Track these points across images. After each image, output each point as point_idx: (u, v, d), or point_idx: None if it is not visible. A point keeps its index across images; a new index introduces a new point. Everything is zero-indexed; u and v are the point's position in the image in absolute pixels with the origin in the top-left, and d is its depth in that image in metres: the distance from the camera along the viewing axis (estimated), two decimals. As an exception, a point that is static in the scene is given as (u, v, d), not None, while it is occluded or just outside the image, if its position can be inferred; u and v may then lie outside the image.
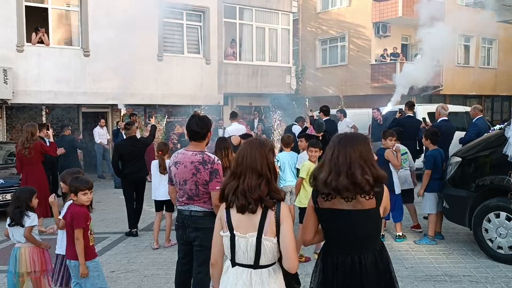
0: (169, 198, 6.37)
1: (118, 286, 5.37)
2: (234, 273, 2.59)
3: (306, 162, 6.24)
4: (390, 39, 20.93)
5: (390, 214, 6.63)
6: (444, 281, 5.23)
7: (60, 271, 4.46)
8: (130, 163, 7.43)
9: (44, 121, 13.87)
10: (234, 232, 2.55)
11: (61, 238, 4.45)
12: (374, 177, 2.57)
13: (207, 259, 4.00)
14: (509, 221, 5.69)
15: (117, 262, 6.23)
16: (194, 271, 4.19)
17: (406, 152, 7.25)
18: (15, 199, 4.41)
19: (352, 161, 2.58)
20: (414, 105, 9.94)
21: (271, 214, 2.52)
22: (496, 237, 5.81)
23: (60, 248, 4.45)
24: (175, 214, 4.50)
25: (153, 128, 8.24)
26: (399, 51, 21.10)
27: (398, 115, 10.08)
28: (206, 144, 4.26)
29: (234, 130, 10.14)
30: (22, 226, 4.36)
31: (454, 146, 8.75)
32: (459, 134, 10.12)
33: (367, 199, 2.59)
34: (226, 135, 9.67)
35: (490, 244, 5.89)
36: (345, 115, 11.99)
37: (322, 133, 8.17)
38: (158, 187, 6.77)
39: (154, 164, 6.82)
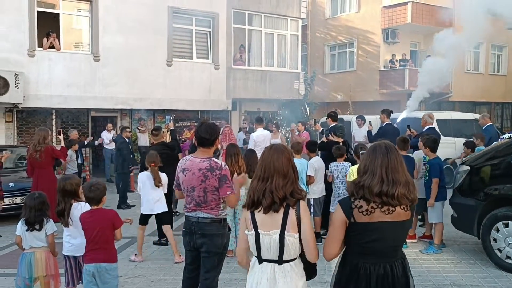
0: (161, 211, 6.54)
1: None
2: (259, 269, 2.81)
3: (353, 167, 6.41)
4: (399, 45, 20.91)
5: None
6: (451, 290, 5.21)
7: (71, 272, 4.56)
8: (162, 170, 6.92)
9: (54, 125, 14.01)
10: (259, 230, 2.77)
11: (68, 240, 4.51)
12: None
13: (214, 265, 4.12)
14: (517, 230, 5.65)
15: (124, 267, 6.25)
16: (201, 277, 4.22)
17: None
18: (38, 204, 4.42)
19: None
20: (391, 113, 10.25)
21: (292, 212, 2.74)
22: (504, 247, 5.78)
23: (68, 249, 4.52)
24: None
25: (173, 132, 8.34)
26: (408, 57, 21.06)
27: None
28: (214, 152, 4.31)
29: (260, 136, 9.87)
30: (39, 230, 4.40)
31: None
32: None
33: (405, 210, 2.65)
34: (251, 142, 9.61)
35: (498, 253, 5.85)
36: (364, 121, 11.93)
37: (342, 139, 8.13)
38: (148, 200, 6.54)
39: (145, 176, 6.54)
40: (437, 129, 10.15)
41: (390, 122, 10.08)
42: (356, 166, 6.52)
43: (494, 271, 5.80)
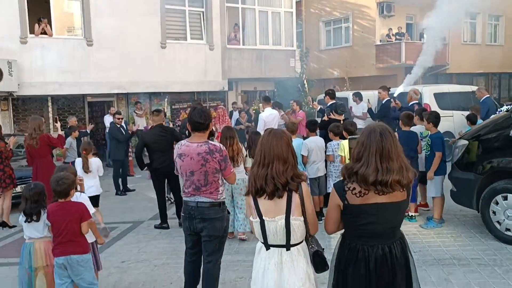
0: (95, 195, 6.51)
1: (129, 276, 5.44)
2: (267, 254, 2.83)
3: (343, 142, 6.60)
4: (394, 19, 20.67)
5: None
6: (452, 264, 5.26)
7: None
8: (158, 154, 7.06)
9: (51, 112, 13.94)
10: (263, 217, 2.78)
11: None
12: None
13: (216, 249, 4.18)
14: (516, 203, 5.69)
15: (127, 252, 6.31)
16: (203, 261, 4.27)
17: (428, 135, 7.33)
18: (33, 195, 4.40)
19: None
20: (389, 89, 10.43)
21: (296, 196, 2.77)
22: (504, 219, 5.82)
23: None
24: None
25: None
26: (404, 30, 20.86)
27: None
28: (209, 136, 4.33)
29: (270, 116, 9.66)
30: (38, 221, 4.41)
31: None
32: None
33: (401, 191, 2.65)
34: (261, 122, 9.42)
35: (498, 226, 5.90)
36: (360, 99, 11.77)
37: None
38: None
39: (78, 163, 6.72)
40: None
41: (390, 98, 10.06)
42: (346, 141, 6.55)
43: (494, 243, 5.86)
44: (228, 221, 4.41)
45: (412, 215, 6.93)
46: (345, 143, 6.54)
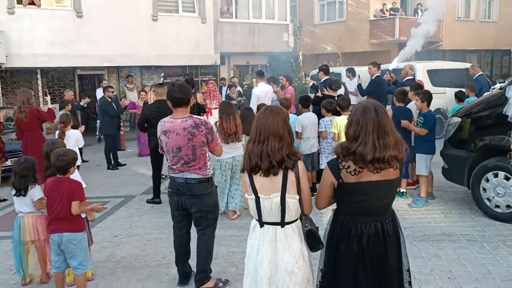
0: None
1: (121, 250, 5.45)
2: (261, 232, 2.83)
3: (336, 118, 6.61)
4: (389, -7, 20.47)
5: None
6: (442, 240, 5.32)
7: None
8: (154, 129, 6.78)
9: (40, 85, 13.75)
10: (259, 194, 2.76)
11: None
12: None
13: (209, 223, 4.25)
14: (507, 180, 5.73)
15: (119, 226, 6.31)
16: (198, 233, 4.32)
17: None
18: (22, 170, 4.37)
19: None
20: (380, 65, 10.36)
21: (291, 174, 2.74)
22: (494, 196, 5.88)
23: None
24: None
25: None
26: (398, 5, 20.67)
27: (358, 80, 10.48)
28: (200, 109, 4.32)
29: (263, 91, 9.42)
30: (25, 196, 4.38)
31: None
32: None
33: (394, 169, 2.65)
34: (254, 98, 9.22)
35: (488, 203, 5.96)
36: (354, 75, 11.62)
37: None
38: None
39: (68, 135, 6.75)
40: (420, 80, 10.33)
41: (380, 74, 10.00)
42: (340, 118, 6.54)
43: (483, 220, 5.93)
44: (217, 195, 4.47)
45: (403, 192, 6.98)
46: (338, 119, 6.53)
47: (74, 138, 6.79)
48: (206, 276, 4.31)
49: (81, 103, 11.06)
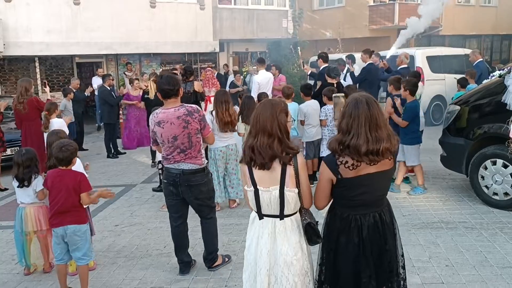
0: None
1: (122, 239, 5.50)
2: (260, 224, 2.84)
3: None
4: (389, -22, 20.28)
5: None
6: (440, 228, 5.37)
7: None
8: None
9: (38, 73, 13.70)
10: (258, 187, 2.77)
11: None
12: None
13: (211, 209, 4.43)
14: (505, 168, 5.76)
15: (120, 215, 6.35)
16: (202, 220, 4.52)
17: (420, 97, 7.61)
18: (26, 160, 4.40)
19: (385, 123, 2.66)
20: (373, 52, 10.25)
21: (290, 168, 2.73)
22: (492, 184, 5.92)
23: None
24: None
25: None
26: (398, -10, 20.49)
27: (351, 68, 10.38)
28: (198, 97, 4.37)
29: (264, 78, 9.35)
30: (28, 186, 4.41)
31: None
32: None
33: (389, 159, 2.68)
34: (255, 85, 9.20)
35: (486, 190, 6.00)
36: (354, 61, 11.55)
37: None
38: None
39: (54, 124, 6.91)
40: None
41: (372, 62, 9.93)
42: (330, 106, 6.62)
43: (481, 207, 5.97)
44: (212, 182, 4.55)
45: (406, 176, 7.11)
46: None
47: (57, 126, 6.67)
48: (216, 256, 4.56)
49: (85, 93, 11.02)
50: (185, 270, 4.53)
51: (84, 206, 4.14)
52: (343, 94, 6.58)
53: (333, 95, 6.72)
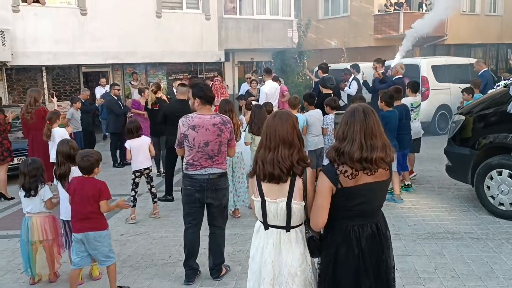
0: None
1: (128, 249, 5.51)
2: (265, 234, 2.85)
3: None
4: (394, -12, 20.35)
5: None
6: (445, 238, 5.35)
7: (69, 235, 4.59)
8: (173, 128, 6.80)
9: (45, 82, 13.81)
10: (265, 198, 2.79)
11: (65, 204, 4.51)
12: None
13: (225, 216, 4.56)
14: (511, 178, 5.75)
15: (125, 225, 6.37)
16: (214, 229, 4.54)
17: (419, 105, 7.66)
18: (32, 170, 4.44)
19: (381, 133, 2.68)
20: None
21: (299, 181, 2.74)
22: (498, 194, 5.90)
23: (66, 214, 4.51)
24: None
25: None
26: (402, 0, 20.56)
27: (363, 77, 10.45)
28: None
29: (271, 88, 9.45)
30: (35, 196, 4.45)
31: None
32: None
33: (386, 170, 2.70)
34: (263, 96, 9.26)
35: (491, 200, 5.98)
36: (358, 71, 11.57)
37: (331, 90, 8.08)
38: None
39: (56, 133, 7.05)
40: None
41: (384, 71, 10.02)
42: (331, 115, 6.78)
43: (487, 217, 5.95)
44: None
45: (408, 184, 7.19)
46: None
47: (58, 136, 6.83)
48: (221, 267, 4.61)
49: (96, 104, 11.01)
50: (192, 277, 4.57)
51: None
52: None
53: (335, 112, 6.87)
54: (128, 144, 6.45)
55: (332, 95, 7.71)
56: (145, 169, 6.56)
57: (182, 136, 4.32)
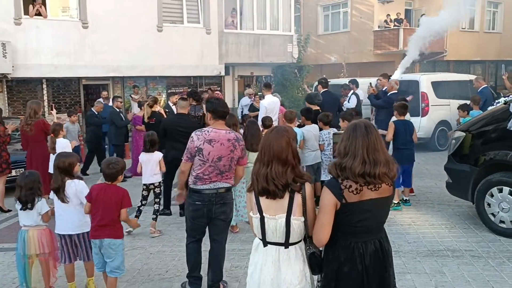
0: None
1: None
2: (264, 251, 2.81)
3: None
4: (393, 5, 20.55)
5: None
6: (446, 256, 5.30)
7: (67, 249, 4.54)
8: (177, 144, 6.66)
9: (45, 94, 13.82)
10: (264, 214, 2.76)
11: (61, 217, 4.47)
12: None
13: (227, 234, 4.56)
14: (511, 195, 5.71)
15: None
16: (215, 243, 4.51)
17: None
18: (28, 183, 4.39)
19: (383, 148, 2.67)
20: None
21: (298, 196, 2.72)
22: (498, 212, 5.86)
23: (61, 227, 4.49)
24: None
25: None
26: (402, 16, 20.73)
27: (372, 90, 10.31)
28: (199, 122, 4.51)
29: (271, 103, 9.36)
30: (31, 209, 4.40)
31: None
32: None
33: (389, 186, 2.68)
34: (263, 110, 9.20)
35: (492, 218, 5.94)
36: (357, 86, 11.50)
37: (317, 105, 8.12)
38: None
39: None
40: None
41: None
42: (325, 131, 6.96)
43: (488, 235, 5.90)
44: None
45: (406, 199, 7.29)
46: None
47: (61, 147, 6.93)
48: (219, 284, 4.58)
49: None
50: (198, 284, 4.60)
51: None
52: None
53: (334, 132, 6.94)
54: (140, 156, 6.53)
55: (320, 111, 7.74)
56: (150, 184, 6.54)
57: (196, 150, 4.25)
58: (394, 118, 7.27)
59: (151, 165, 6.42)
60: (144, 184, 6.57)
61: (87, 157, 10.62)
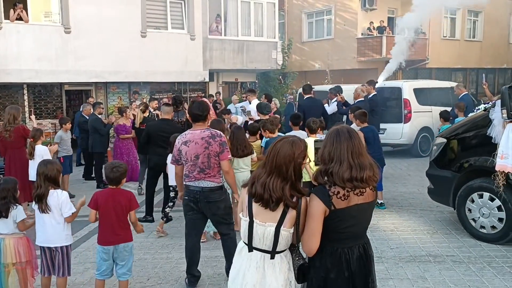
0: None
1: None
2: (248, 256, 2.77)
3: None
4: (376, 12, 20.75)
5: None
6: (428, 261, 5.32)
7: (46, 262, 4.42)
8: (160, 149, 6.85)
9: (26, 100, 13.63)
10: (254, 219, 2.72)
11: (42, 229, 4.36)
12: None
13: (229, 226, 4.76)
14: (492, 201, 5.77)
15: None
16: (222, 236, 4.82)
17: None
18: (1, 192, 4.27)
19: (365, 153, 2.68)
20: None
21: (292, 211, 2.67)
22: (479, 217, 5.91)
23: (41, 239, 4.37)
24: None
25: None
26: (385, 24, 20.96)
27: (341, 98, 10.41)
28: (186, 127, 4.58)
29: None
30: (6, 217, 4.29)
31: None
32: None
33: (372, 190, 2.69)
34: (252, 112, 9.18)
35: (473, 223, 5.99)
36: (341, 92, 11.62)
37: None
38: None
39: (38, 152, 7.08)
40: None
41: (376, 93, 10.13)
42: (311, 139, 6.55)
43: (469, 240, 5.95)
44: (229, 200, 4.99)
45: (381, 202, 7.43)
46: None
47: (39, 154, 7.00)
48: None
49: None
50: (194, 284, 4.82)
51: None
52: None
53: (315, 140, 6.84)
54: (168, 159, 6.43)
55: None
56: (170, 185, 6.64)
57: (178, 153, 4.60)
58: (355, 126, 7.21)
59: (170, 166, 6.43)
60: (171, 186, 6.57)
61: (87, 160, 10.71)
